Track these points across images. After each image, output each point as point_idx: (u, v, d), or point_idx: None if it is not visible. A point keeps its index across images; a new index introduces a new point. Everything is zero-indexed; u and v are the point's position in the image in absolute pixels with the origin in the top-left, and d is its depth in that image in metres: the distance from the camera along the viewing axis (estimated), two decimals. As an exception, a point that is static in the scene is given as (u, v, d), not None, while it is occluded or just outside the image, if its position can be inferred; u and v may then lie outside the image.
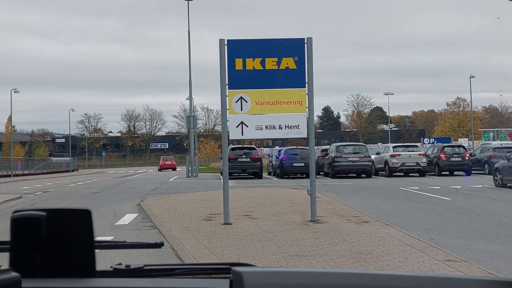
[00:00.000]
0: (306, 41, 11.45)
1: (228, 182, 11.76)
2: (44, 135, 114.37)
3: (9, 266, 1.37)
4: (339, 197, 17.13)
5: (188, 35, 39.49)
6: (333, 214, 12.62)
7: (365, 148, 31.60)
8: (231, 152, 29.87)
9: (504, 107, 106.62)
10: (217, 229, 10.70)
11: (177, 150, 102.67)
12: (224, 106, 11.45)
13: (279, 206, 14.39)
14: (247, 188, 21.36)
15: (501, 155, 27.72)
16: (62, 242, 1.41)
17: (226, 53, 11.38)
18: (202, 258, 8.04)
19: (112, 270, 1.50)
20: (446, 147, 32.46)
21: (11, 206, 18.25)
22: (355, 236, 9.66)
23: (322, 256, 8.00)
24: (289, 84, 11.48)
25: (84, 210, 1.43)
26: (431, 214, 13.32)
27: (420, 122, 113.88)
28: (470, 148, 43.16)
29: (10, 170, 50.74)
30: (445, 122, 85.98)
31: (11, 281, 1.22)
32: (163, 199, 17.44)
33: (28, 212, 1.40)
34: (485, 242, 9.44)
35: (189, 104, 40.99)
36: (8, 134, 68.06)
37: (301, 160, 30.53)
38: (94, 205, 16.68)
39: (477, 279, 1.41)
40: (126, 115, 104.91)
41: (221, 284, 1.40)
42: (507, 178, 20.69)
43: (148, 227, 11.93)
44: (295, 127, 11.51)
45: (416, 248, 8.44)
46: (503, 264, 7.73)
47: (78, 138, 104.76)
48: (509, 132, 63.03)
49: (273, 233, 10.06)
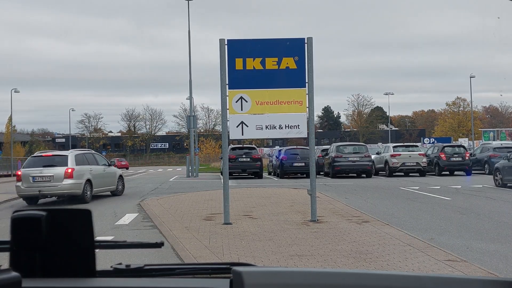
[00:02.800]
0: (306, 41, 11.45)
1: (228, 182, 11.76)
2: (44, 135, 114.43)
3: (9, 266, 1.37)
4: (339, 197, 17.13)
5: (188, 34, 39.48)
6: (333, 214, 12.62)
7: (365, 148, 31.59)
8: (231, 152, 29.88)
9: (504, 107, 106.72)
10: (217, 229, 10.70)
11: (177, 150, 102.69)
12: (224, 106, 11.45)
13: (279, 206, 14.39)
14: (247, 188, 21.36)
15: (501, 155, 27.71)
16: (62, 242, 1.41)
17: (226, 53, 11.38)
18: (202, 258, 8.05)
19: (112, 270, 1.50)
20: (446, 147, 32.46)
21: (11, 206, 18.24)
22: (355, 236, 9.66)
23: (322, 256, 8.00)
24: (289, 84, 11.48)
25: (84, 210, 1.43)
26: (431, 214, 13.32)
27: (420, 122, 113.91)
28: (470, 148, 43.17)
29: (10, 170, 50.75)
30: (445, 122, 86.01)
31: (11, 281, 1.22)
32: (163, 199, 17.45)
33: (28, 212, 1.40)
34: (485, 242, 9.44)
35: (189, 104, 41.01)
36: (8, 134, 68.07)
37: (301, 160, 30.54)
38: (94, 205, 16.69)
39: (477, 279, 1.41)
40: (126, 115, 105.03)
41: (221, 284, 1.40)
42: (507, 178, 20.69)
43: (148, 227, 11.93)
44: (295, 127, 11.51)
45: (416, 248, 8.45)
46: (503, 264, 7.73)
47: (78, 138, 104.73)
48: (509, 132, 63.05)
49: (273, 233, 10.06)
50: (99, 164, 19.45)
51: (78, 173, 17.74)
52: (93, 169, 18.66)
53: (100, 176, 19.00)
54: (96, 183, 18.52)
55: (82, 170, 17.96)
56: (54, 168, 17.60)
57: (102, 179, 19.18)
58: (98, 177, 18.76)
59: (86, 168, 18.28)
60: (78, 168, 17.83)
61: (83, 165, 18.20)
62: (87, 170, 18.23)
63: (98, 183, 18.72)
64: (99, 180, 18.82)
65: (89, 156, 19.32)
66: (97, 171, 18.92)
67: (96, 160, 19.46)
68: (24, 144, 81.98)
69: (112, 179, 20.08)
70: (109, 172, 19.93)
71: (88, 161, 18.75)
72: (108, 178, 19.75)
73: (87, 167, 18.36)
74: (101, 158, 20.39)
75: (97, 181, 18.63)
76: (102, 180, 19.12)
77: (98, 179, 18.73)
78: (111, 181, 19.96)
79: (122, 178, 21.07)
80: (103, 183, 19.24)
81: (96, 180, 18.58)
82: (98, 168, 19.09)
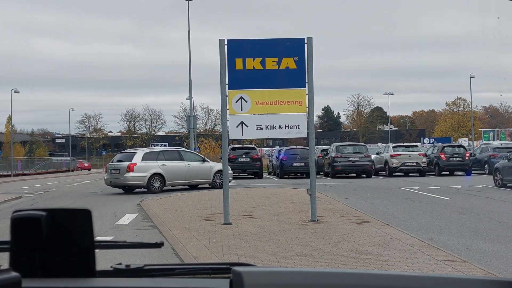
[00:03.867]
0: (306, 41, 11.44)
1: (228, 182, 11.75)
2: (44, 135, 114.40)
3: (9, 266, 1.37)
4: (339, 197, 17.13)
5: (188, 34, 39.49)
6: (333, 214, 12.62)
7: (365, 148, 31.59)
8: (231, 152, 29.87)
9: (504, 107, 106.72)
10: (217, 229, 10.70)
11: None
12: (224, 106, 11.45)
13: (279, 206, 14.39)
14: (247, 188, 21.36)
15: (501, 155, 27.71)
16: (62, 242, 1.41)
17: (226, 53, 11.38)
18: (202, 258, 8.05)
19: (112, 270, 1.50)
20: (446, 147, 32.46)
21: (11, 206, 18.25)
22: (355, 236, 9.66)
23: (322, 256, 8.00)
24: (289, 84, 11.47)
25: (84, 210, 1.43)
26: (431, 214, 13.32)
27: (420, 122, 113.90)
28: (470, 148, 43.17)
29: (10, 170, 50.76)
30: (445, 122, 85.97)
31: (11, 281, 1.22)
32: (163, 199, 17.45)
33: (28, 212, 1.40)
34: (485, 242, 9.45)
35: (189, 104, 41.01)
36: (8, 134, 68.06)
37: (301, 160, 30.53)
38: (94, 205, 16.69)
39: (477, 279, 1.40)
40: (126, 115, 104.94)
41: (221, 284, 1.40)
42: (507, 178, 20.69)
43: (148, 227, 11.93)
44: (295, 127, 11.51)
45: (416, 248, 8.44)
46: (503, 264, 7.73)
47: (78, 138, 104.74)
48: (509, 132, 63.07)
49: (273, 233, 10.06)
50: (185, 160, 22.43)
51: (141, 168, 21.20)
52: (168, 164, 21.79)
53: (180, 170, 22.00)
54: (171, 176, 21.74)
55: (147, 165, 21.32)
56: (122, 163, 21.49)
57: (183, 173, 22.15)
58: (174, 171, 21.84)
59: (154, 164, 21.48)
60: (143, 164, 21.33)
61: (150, 161, 21.49)
62: (155, 165, 21.47)
63: (174, 176, 21.87)
64: (175, 174, 21.92)
65: (170, 153, 22.78)
66: (175, 166, 21.95)
67: (180, 157, 22.56)
68: (24, 144, 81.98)
69: (205, 173, 22.85)
70: (198, 167, 22.68)
71: (164, 158, 22.02)
72: (196, 173, 22.56)
73: (155, 162, 21.55)
74: (192, 155, 23.81)
75: (172, 175, 21.79)
76: (181, 174, 22.12)
77: (174, 173, 21.84)
78: (202, 175, 22.77)
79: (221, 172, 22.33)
80: (183, 177, 22.23)
81: (171, 174, 21.77)
82: (178, 164, 22.08)
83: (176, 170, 21.90)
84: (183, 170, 22.14)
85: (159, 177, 21.47)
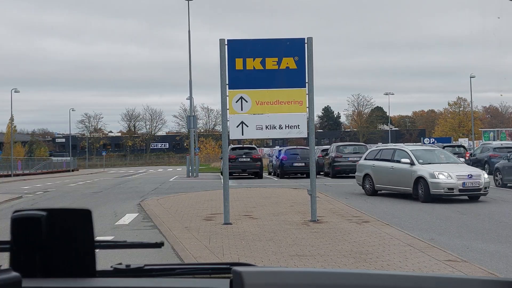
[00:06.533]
0: (306, 41, 11.44)
1: (228, 182, 11.76)
2: (45, 135, 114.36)
3: (9, 266, 1.37)
4: (340, 197, 17.13)
5: (188, 34, 39.53)
6: (334, 214, 12.62)
7: (365, 148, 31.48)
8: (232, 152, 29.86)
9: (504, 107, 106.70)
10: (218, 229, 10.70)
11: (177, 150, 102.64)
12: (224, 106, 11.45)
13: (280, 206, 14.39)
14: (248, 188, 21.36)
15: (501, 155, 27.68)
16: (62, 242, 1.41)
17: (227, 53, 11.38)
18: (202, 258, 8.05)
19: (112, 270, 1.50)
20: (447, 147, 32.43)
21: (11, 206, 18.25)
22: (356, 236, 9.66)
23: (323, 256, 8.00)
24: (289, 84, 11.47)
25: (84, 210, 1.43)
26: (431, 214, 13.32)
27: (421, 122, 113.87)
28: (471, 148, 43.13)
29: (10, 170, 50.74)
30: (445, 122, 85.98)
31: (11, 281, 1.22)
32: (164, 199, 17.45)
33: (28, 212, 1.40)
34: (485, 242, 9.45)
35: (189, 104, 41.02)
36: (8, 134, 68.05)
37: (301, 160, 30.53)
38: (94, 205, 16.69)
39: (477, 279, 1.40)
40: (126, 115, 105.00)
41: (221, 284, 1.40)
42: (507, 178, 20.69)
43: (149, 227, 11.93)
44: (296, 127, 11.51)
45: (416, 248, 8.45)
46: (503, 264, 7.73)
47: (79, 138, 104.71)
48: (509, 132, 63.06)
49: (273, 233, 10.06)
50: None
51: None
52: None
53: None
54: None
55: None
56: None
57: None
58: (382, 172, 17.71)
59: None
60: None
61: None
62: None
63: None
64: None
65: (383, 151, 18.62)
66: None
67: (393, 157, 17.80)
68: (24, 144, 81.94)
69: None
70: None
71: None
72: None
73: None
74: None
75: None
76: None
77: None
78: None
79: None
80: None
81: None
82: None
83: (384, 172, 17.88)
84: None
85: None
